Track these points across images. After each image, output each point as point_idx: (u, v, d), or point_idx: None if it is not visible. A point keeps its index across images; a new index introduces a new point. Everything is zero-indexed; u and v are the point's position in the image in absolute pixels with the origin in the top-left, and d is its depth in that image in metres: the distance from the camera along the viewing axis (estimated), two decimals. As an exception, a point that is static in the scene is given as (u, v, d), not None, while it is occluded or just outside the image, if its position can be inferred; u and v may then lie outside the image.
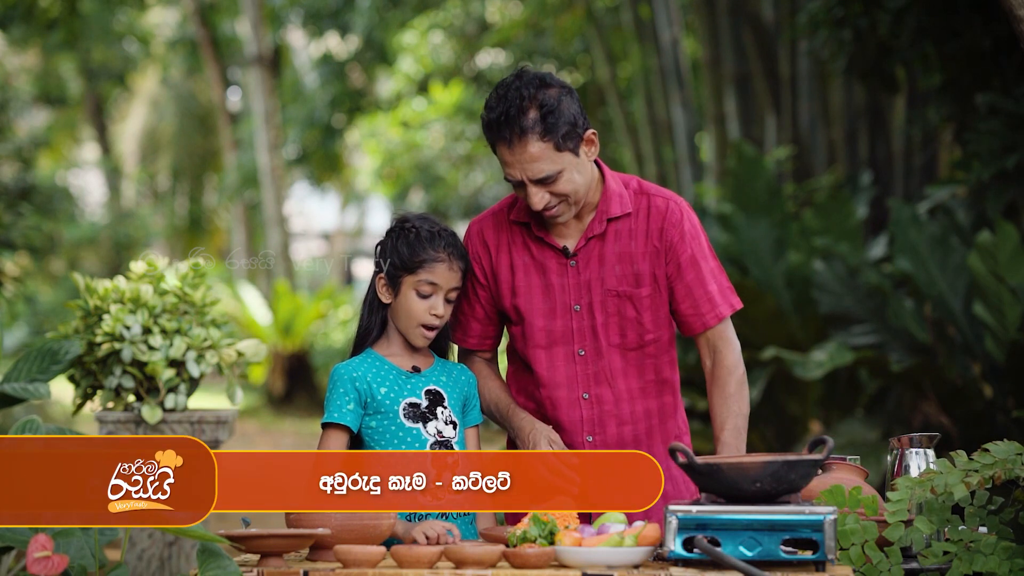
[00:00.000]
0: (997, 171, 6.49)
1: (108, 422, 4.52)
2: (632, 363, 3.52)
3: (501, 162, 3.42)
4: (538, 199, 3.40)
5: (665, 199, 3.53)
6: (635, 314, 3.50)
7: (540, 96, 3.37)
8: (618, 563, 2.93)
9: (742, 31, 10.97)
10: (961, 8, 7.14)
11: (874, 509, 3.29)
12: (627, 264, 3.50)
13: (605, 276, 3.50)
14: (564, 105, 3.38)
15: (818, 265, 8.35)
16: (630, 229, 3.51)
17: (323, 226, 30.72)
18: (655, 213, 3.51)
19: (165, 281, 4.58)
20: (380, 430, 3.47)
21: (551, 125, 3.35)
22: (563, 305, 3.53)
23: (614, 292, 3.50)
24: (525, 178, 3.39)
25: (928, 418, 7.66)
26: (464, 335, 3.65)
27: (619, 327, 3.51)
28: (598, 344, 3.51)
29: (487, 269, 3.59)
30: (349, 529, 3.08)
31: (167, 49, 23.22)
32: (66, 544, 3.27)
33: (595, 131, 3.47)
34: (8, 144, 14.46)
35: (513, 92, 3.38)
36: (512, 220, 3.57)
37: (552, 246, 3.53)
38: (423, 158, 17.03)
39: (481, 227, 3.62)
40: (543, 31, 15.22)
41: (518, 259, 3.56)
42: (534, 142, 3.35)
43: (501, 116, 3.37)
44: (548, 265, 3.54)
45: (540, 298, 3.54)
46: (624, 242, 3.51)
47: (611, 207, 3.51)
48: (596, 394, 3.53)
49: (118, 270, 17.65)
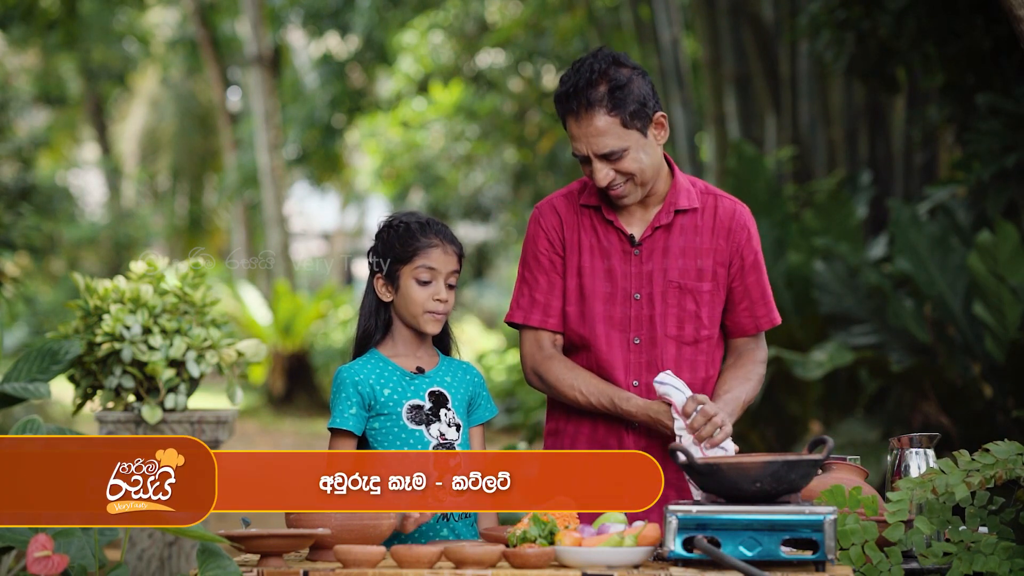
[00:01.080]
0: (997, 171, 6.49)
1: (108, 422, 4.52)
2: (686, 357, 3.54)
3: (570, 137, 3.44)
4: (602, 175, 3.41)
5: (733, 201, 3.59)
6: (695, 308, 3.52)
7: (611, 72, 3.39)
8: (618, 563, 2.93)
9: (742, 31, 10.97)
10: (962, 9, 7.14)
11: (874, 509, 3.29)
12: (691, 258, 3.53)
13: (668, 267, 3.52)
14: (635, 84, 3.40)
15: (818, 265, 8.35)
16: (696, 224, 3.54)
17: (323, 226, 30.73)
18: (723, 212, 3.56)
19: (165, 281, 4.58)
20: (383, 431, 3.47)
21: (619, 100, 3.37)
22: (624, 292, 3.54)
23: (676, 284, 3.52)
24: (591, 152, 3.40)
25: (928, 418, 7.65)
26: (544, 315, 3.58)
27: (677, 319, 3.52)
28: (654, 334, 3.52)
29: (563, 244, 3.58)
30: (349, 529, 3.08)
31: (167, 49, 23.23)
32: (66, 544, 3.27)
33: (665, 114, 3.47)
34: (8, 144, 14.47)
35: (586, 67, 3.41)
36: (582, 203, 3.58)
37: (620, 231, 3.54)
38: (423, 158, 17.04)
39: (553, 203, 3.62)
40: (543, 31, 15.21)
41: (586, 240, 3.56)
42: (601, 115, 3.38)
43: (571, 88, 3.40)
44: (612, 251, 3.55)
45: (602, 283, 3.55)
46: (689, 236, 3.54)
47: (679, 199, 3.53)
48: (647, 382, 3.53)
49: (118, 270, 17.65)
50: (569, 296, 3.58)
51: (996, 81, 7.14)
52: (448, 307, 3.52)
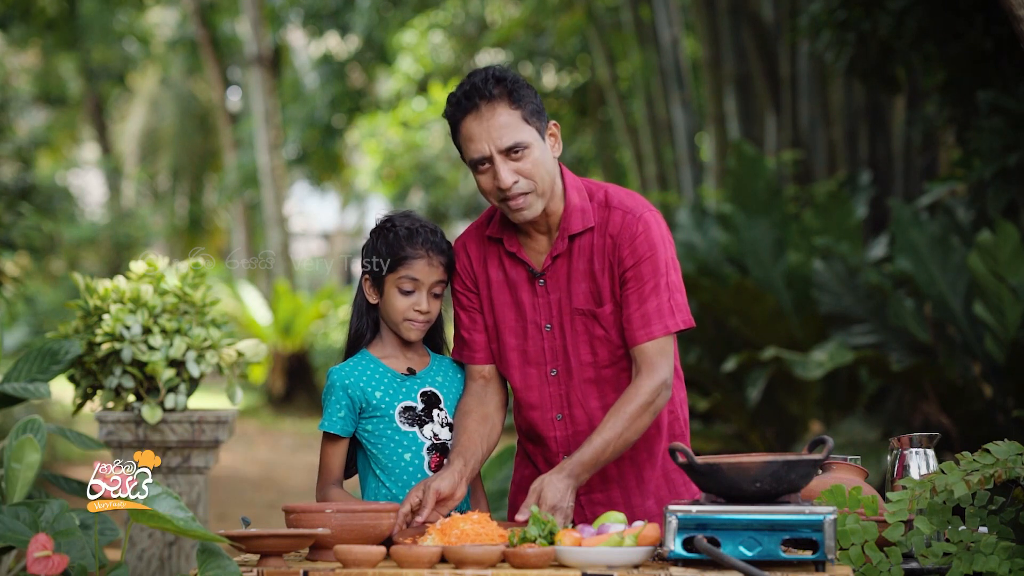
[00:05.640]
0: (998, 169, 6.48)
1: (108, 422, 4.52)
2: (607, 379, 3.45)
3: (467, 141, 3.35)
4: (505, 173, 3.32)
5: (624, 212, 3.43)
6: (603, 332, 3.43)
7: (506, 75, 3.37)
8: (618, 563, 2.93)
9: (742, 31, 10.98)
10: (962, 9, 7.14)
11: (874, 509, 3.29)
12: (590, 281, 3.43)
13: (573, 294, 3.44)
14: (529, 89, 3.38)
15: (818, 265, 8.35)
16: (591, 244, 3.44)
17: (323, 226, 30.75)
18: (612, 227, 3.42)
19: (165, 281, 4.57)
20: (377, 433, 3.47)
21: (518, 96, 3.34)
22: (534, 324, 3.48)
23: (580, 311, 3.43)
24: (493, 149, 3.32)
25: (928, 418, 7.66)
26: (472, 352, 3.56)
27: (589, 345, 3.44)
28: (569, 364, 3.46)
29: (475, 281, 3.54)
30: (349, 529, 3.08)
31: (167, 49, 23.25)
32: (66, 544, 3.27)
33: (557, 124, 3.45)
34: (8, 144, 14.46)
35: (479, 73, 3.38)
36: (488, 235, 3.52)
37: (523, 263, 3.47)
38: (423, 158, 17.05)
39: (465, 241, 3.57)
40: (543, 31, 15.22)
41: (494, 275, 3.51)
42: (503, 107, 3.33)
43: (468, 89, 3.36)
44: (519, 284, 3.48)
45: (512, 317, 3.50)
46: (586, 259, 3.44)
47: (572, 223, 3.43)
48: (569, 414, 3.48)
49: (118, 270, 17.64)
50: (489, 332, 3.54)
51: (996, 81, 7.14)
52: (430, 317, 3.51)
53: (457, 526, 3.08)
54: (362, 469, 3.52)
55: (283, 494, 10.97)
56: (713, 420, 9.34)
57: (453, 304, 3.64)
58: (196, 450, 4.55)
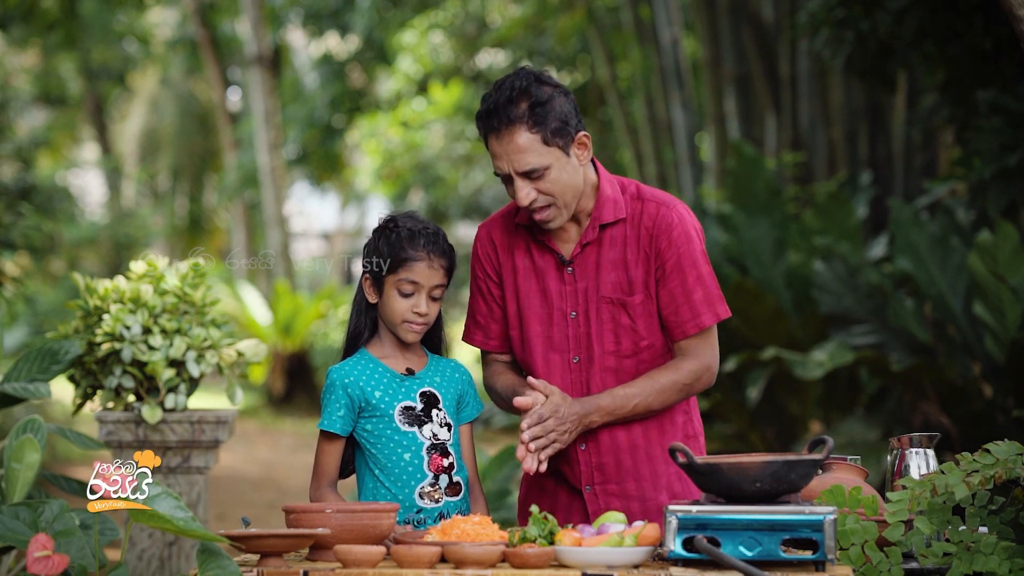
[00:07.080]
0: (998, 169, 6.48)
1: (108, 422, 4.52)
2: (627, 369, 3.49)
3: (492, 156, 3.42)
4: (524, 194, 3.37)
5: (658, 204, 3.49)
6: (629, 321, 3.47)
7: (532, 90, 3.36)
8: (618, 563, 2.93)
9: (742, 31, 10.98)
10: (962, 9, 7.14)
11: (874, 509, 3.29)
12: (621, 271, 3.48)
13: (600, 283, 3.48)
14: (556, 102, 3.37)
15: (818, 265, 8.35)
16: (624, 235, 3.49)
17: (323, 226, 30.73)
18: (647, 218, 3.47)
19: (165, 281, 4.57)
20: (376, 433, 3.47)
21: (540, 117, 3.34)
22: (560, 312, 3.51)
23: (608, 299, 3.48)
24: (512, 170, 3.37)
25: (928, 418, 7.66)
26: (485, 337, 3.63)
27: (613, 334, 3.48)
28: (591, 352, 3.49)
29: (497, 270, 3.59)
30: (349, 529, 3.08)
31: (167, 49, 23.24)
32: (66, 544, 3.27)
33: (588, 134, 3.45)
34: (8, 144, 14.46)
35: (507, 85, 3.38)
36: (517, 223, 3.57)
37: (553, 251, 3.52)
38: (423, 158, 17.05)
39: (490, 229, 3.61)
40: (543, 31, 15.22)
41: (520, 263, 3.55)
42: (522, 132, 3.34)
43: (492, 106, 3.38)
44: (547, 271, 3.53)
45: (538, 303, 3.53)
46: (618, 249, 3.48)
47: (604, 213, 3.48)
48: None
49: (118, 270, 17.65)
50: (511, 320, 3.58)
51: (996, 81, 7.15)
52: (428, 319, 3.51)
53: (458, 527, 3.08)
54: (360, 469, 3.52)
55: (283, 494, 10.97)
56: (713, 420, 9.34)
57: (471, 288, 3.66)
58: (196, 450, 4.55)
